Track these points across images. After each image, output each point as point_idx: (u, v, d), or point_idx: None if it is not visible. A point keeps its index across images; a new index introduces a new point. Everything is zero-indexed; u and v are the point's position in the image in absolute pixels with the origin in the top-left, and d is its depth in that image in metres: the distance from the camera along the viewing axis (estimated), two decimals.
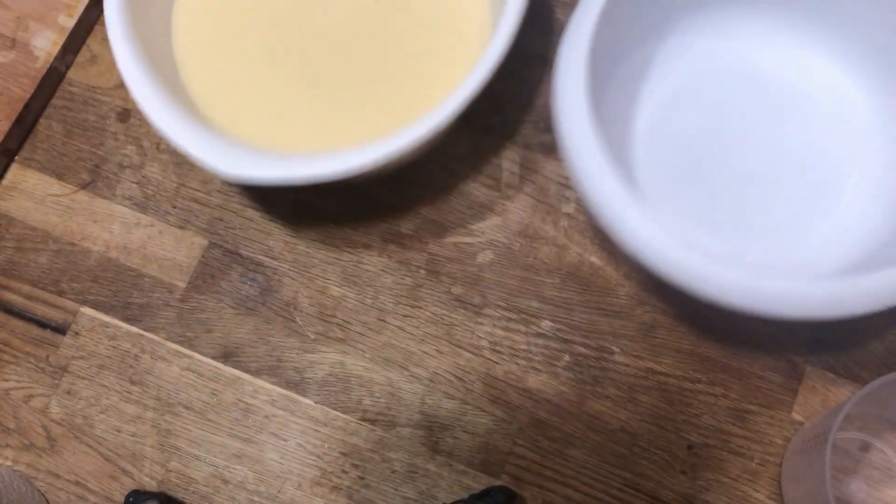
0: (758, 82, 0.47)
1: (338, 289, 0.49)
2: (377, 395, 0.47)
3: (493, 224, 0.49)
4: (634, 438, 0.46)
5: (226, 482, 0.46)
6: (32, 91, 0.51)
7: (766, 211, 0.46)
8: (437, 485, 0.45)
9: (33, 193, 0.51)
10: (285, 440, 0.46)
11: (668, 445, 0.46)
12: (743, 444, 0.46)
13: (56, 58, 0.52)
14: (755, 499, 0.45)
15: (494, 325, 0.47)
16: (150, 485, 0.46)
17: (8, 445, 0.47)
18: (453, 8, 0.46)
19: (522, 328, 0.47)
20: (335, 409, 0.47)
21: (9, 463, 0.46)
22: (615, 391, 0.46)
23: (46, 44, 0.52)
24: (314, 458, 0.46)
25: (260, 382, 0.47)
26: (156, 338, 0.48)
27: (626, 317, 0.47)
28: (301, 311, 0.48)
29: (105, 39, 0.53)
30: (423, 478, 0.46)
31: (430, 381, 0.47)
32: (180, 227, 0.50)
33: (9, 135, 0.50)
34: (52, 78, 0.52)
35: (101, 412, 0.47)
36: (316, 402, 0.47)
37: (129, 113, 0.52)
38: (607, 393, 0.46)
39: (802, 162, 0.46)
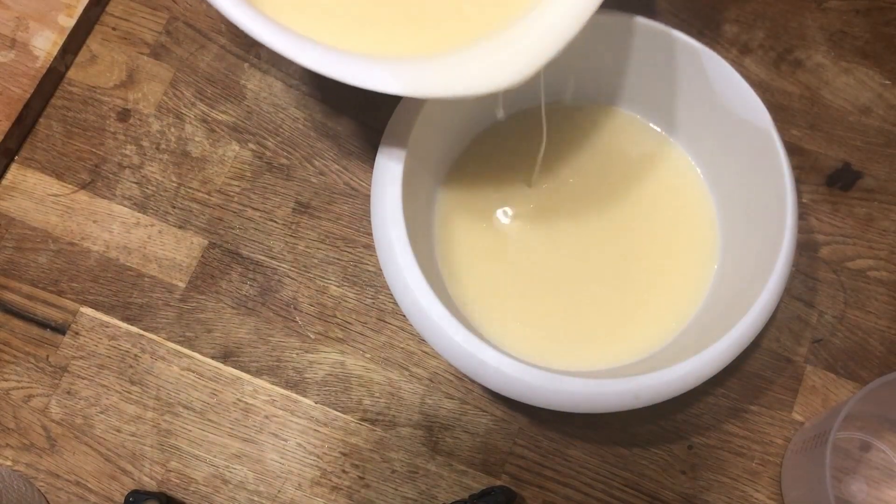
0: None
1: (338, 289, 0.49)
2: (377, 395, 0.47)
3: None
4: (634, 438, 0.46)
5: (226, 482, 0.46)
6: (32, 91, 0.51)
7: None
8: (437, 485, 0.45)
9: (33, 193, 0.51)
10: (285, 440, 0.46)
11: (668, 445, 0.46)
12: (743, 444, 0.46)
13: (56, 58, 0.52)
14: (755, 499, 0.45)
15: None
16: (150, 485, 0.46)
17: (8, 445, 0.47)
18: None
19: None
20: (335, 409, 0.47)
21: (9, 463, 0.46)
22: None
23: (46, 44, 0.52)
24: (314, 458, 0.46)
25: (260, 382, 0.47)
26: (156, 338, 0.48)
27: None
28: (301, 311, 0.48)
29: (105, 39, 0.53)
30: (423, 478, 0.46)
31: (430, 381, 0.47)
32: (180, 227, 0.50)
33: (9, 135, 0.50)
34: (52, 78, 0.52)
35: (101, 412, 0.47)
36: (316, 402, 0.47)
37: (128, 113, 0.52)
38: None
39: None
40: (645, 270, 0.46)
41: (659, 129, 0.48)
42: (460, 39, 0.37)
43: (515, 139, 0.49)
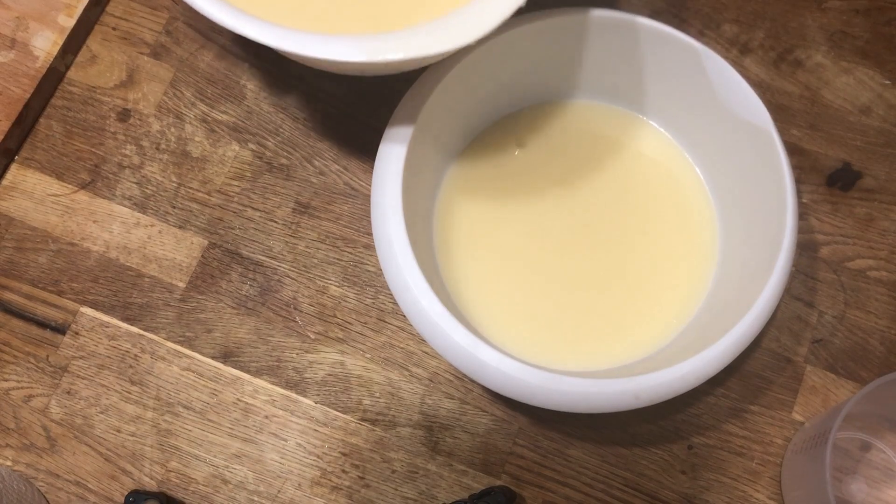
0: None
1: (338, 289, 0.49)
2: (377, 395, 0.47)
3: None
4: (634, 438, 0.46)
5: (226, 482, 0.46)
6: (32, 91, 0.51)
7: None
8: (437, 485, 0.45)
9: (33, 193, 0.51)
10: (285, 440, 0.46)
11: (668, 445, 0.46)
12: (743, 444, 0.46)
13: (56, 58, 0.52)
14: (755, 499, 0.45)
15: None
16: (150, 485, 0.46)
17: (8, 445, 0.47)
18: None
19: None
20: (335, 409, 0.47)
21: (9, 463, 0.46)
22: None
23: (46, 44, 0.52)
24: (314, 458, 0.46)
25: (260, 382, 0.47)
26: (156, 338, 0.48)
27: None
28: (301, 311, 0.48)
29: (105, 39, 0.53)
30: (423, 478, 0.46)
31: (430, 381, 0.47)
32: (180, 227, 0.50)
33: (9, 135, 0.50)
34: (52, 78, 0.52)
35: (101, 412, 0.47)
36: (316, 402, 0.47)
37: (128, 113, 0.52)
38: None
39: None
40: (645, 270, 0.46)
41: (659, 128, 0.48)
42: (412, 21, 0.40)
43: (518, 138, 0.49)
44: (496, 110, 0.48)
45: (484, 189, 0.48)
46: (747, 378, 0.47)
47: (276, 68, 0.53)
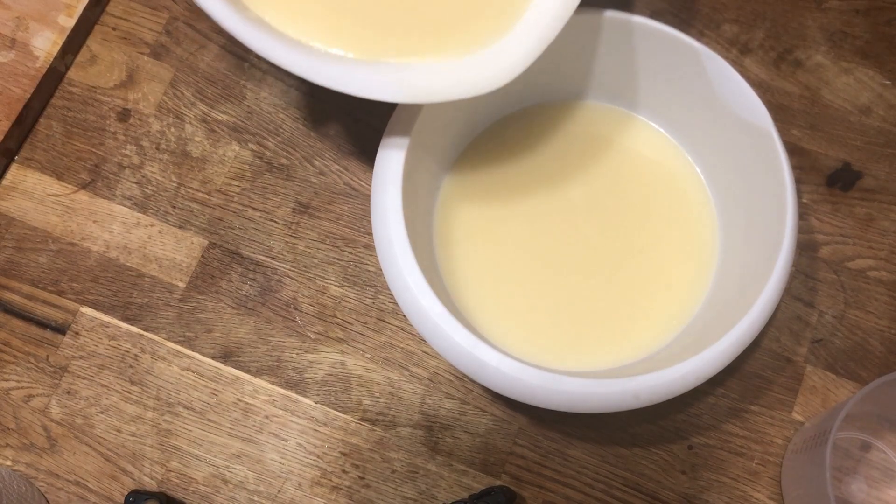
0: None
1: (338, 289, 0.49)
2: (377, 395, 0.47)
3: None
4: (634, 438, 0.46)
5: (226, 482, 0.46)
6: (32, 91, 0.51)
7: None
8: (437, 485, 0.45)
9: (33, 193, 0.51)
10: (285, 440, 0.46)
11: (668, 445, 0.46)
12: (743, 444, 0.46)
13: (56, 58, 0.52)
14: (755, 499, 0.45)
15: None
16: (150, 485, 0.46)
17: (8, 445, 0.47)
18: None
19: None
20: (335, 409, 0.47)
21: (9, 463, 0.46)
22: None
23: (46, 44, 0.52)
24: (314, 458, 0.46)
25: (260, 382, 0.47)
26: (156, 338, 0.48)
27: None
28: (301, 311, 0.48)
29: (105, 39, 0.53)
30: (423, 478, 0.46)
31: (430, 381, 0.47)
32: (180, 227, 0.50)
33: (9, 135, 0.50)
34: (52, 78, 0.52)
35: (101, 412, 0.47)
36: (316, 402, 0.47)
37: (128, 113, 0.52)
38: None
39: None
40: (645, 270, 0.46)
41: (658, 129, 0.49)
42: (452, 48, 0.40)
43: (519, 137, 0.49)
44: (497, 110, 0.48)
45: (484, 189, 0.48)
46: (747, 378, 0.47)
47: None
